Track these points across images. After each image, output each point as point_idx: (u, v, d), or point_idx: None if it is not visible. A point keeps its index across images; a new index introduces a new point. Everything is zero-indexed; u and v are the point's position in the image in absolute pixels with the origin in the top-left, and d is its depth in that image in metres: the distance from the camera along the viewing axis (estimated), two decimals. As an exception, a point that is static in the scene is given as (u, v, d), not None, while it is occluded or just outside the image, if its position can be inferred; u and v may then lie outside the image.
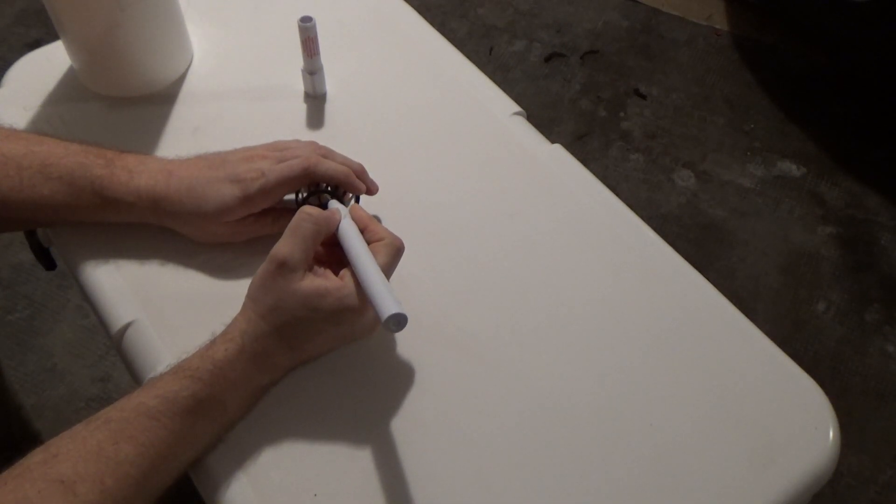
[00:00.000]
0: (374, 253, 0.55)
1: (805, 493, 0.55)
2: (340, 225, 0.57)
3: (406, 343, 0.59)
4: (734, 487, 0.54)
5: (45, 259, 0.72)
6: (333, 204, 0.61)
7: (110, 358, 1.43)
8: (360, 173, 0.64)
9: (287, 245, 0.53)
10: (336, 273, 0.55)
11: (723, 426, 0.56)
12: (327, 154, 0.63)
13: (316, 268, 0.55)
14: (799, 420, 0.57)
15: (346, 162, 0.63)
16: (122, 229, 0.63)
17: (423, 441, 0.55)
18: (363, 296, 0.53)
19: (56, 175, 0.59)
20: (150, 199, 0.60)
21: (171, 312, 0.61)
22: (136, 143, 0.70)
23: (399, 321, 0.50)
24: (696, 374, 0.59)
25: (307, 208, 0.55)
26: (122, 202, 0.60)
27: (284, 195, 0.62)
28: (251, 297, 0.55)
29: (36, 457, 0.47)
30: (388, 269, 0.56)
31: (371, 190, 0.64)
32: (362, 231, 0.58)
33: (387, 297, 0.51)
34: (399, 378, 0.58)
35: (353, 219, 0.59)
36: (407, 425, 0.56)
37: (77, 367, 1.42)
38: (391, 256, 0.56)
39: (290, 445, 0.54)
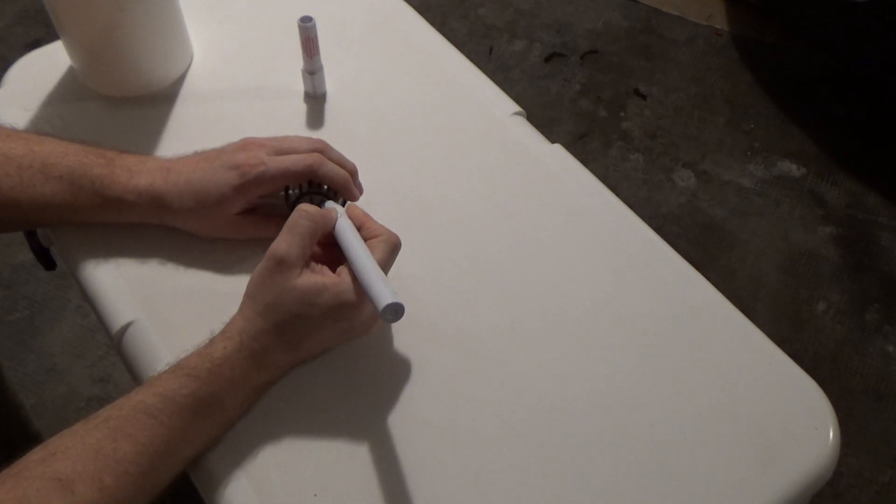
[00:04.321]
0: (371, 249, 0.55)
1: (805, 493, 0.55)
2: (337, 223, 0.57)
3: (406, 343, 0.59)
4: (734, 487, 0.54)
5: (45, 259, 0.72)
6: (329, 204, 0.61)
7: (110, 358, 1.43)
8: (354, 174, 0.64)
9: (284, 242, 0.54)
10: (333, 271, 0.56)
11: (723, 426, 0.56)
12: (324, 149, 0.63)
13: (313, 265, 0.55)
14: (799, 420, 0.57)
15: (342, 161, 0.64)
16: (121, 229, 0.63)
17: (422, 441, 0.55)
18: (360, 291, 0.53)
19: (56, 174, 0.60)
20: (150, 197, 0.60)
21: (171, 312, 0.61)
22: (136, 143, 0.70)
23: (396, 311, 0.50)
24: (696, 374, 0.59)
25: (304, 206, 0.56)
26: (123, 201, 0.60)
27: (282, 187, 0.62)
28: (249, 295, 0.55)
29: (34, 455, 0.47)
30: (385, 265, 0.56)
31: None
32: (358, 228, 0.58)
33: (383, 288, 0.51)
34: (399, 378, 0.58)
35: (350, 217, 0.59)
36: (407, 425, 0.56)
37: (77, 367, 1.42)
38: (388, 252, 0.56)
39: (289, 445, 0.54)
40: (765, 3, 2.00)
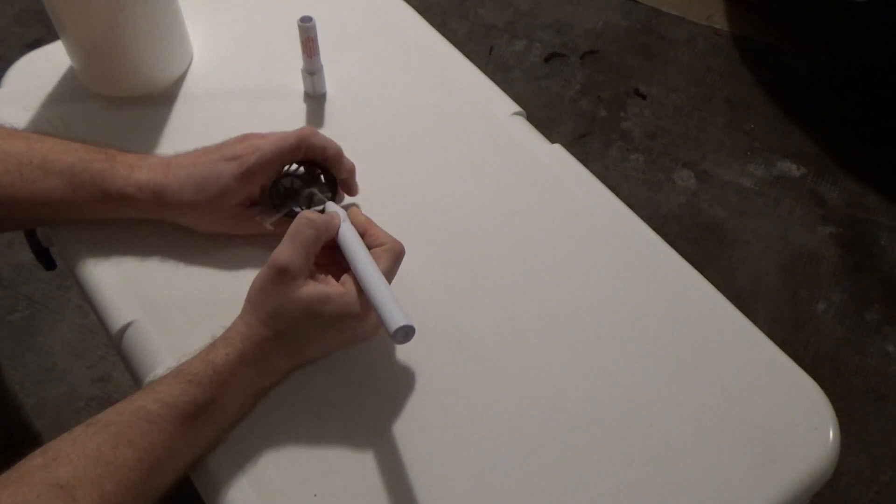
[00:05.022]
0: (376, 258, 0.55)
1: (805, 493, 0.55)
2: (340, 229, 0.57)
3: (406, 343, 0.59)
4: (734, 487, 0.54)
5: (45, 259, 0.72)
6: (331, 207, 0.60)
7: (110, 358, 1.43)
8: (351, 172, 0.65)
9: (287, 251, 0.53)
10: (336, 277, 0.55)
11: (723, 426, 0.56)
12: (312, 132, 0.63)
13: (317, 274, 0.55)
14: (799, 420, 0.57)
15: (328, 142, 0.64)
16: (121, 229, 0.63)
17: (422, 441, 0.55)
18: (365, 302, 0.53)
19: (57, 170, 0.60)
20: (150, 192, 0.60)
21: (172, 312, 0.61)
22: (136, 143, 0.70)
23: (407, 333, 0.50)
24: (696, 374, 0.59)
25: (308, 213, 0.55)
26: (124, 195, 0.60)
27: (281, 168, 0.62)
28: (251, 302, 0.55)
29: (35, 460, 0.47)
30: (389, 275, 0.56)
31: (353, 192, 0.65)
32: (362, 235, 0.57)
33: (394, 309, 0.50)
34: (399, 378, 0.58)
35: (352, 223, 0.58)
36: (407, 425, 0.56)
37: (77, 367, 1.42)
38: (392, 262, 0.56)
39: (290, 446, 0.54)
40: (765, 3, 2.00)
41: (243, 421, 0.55)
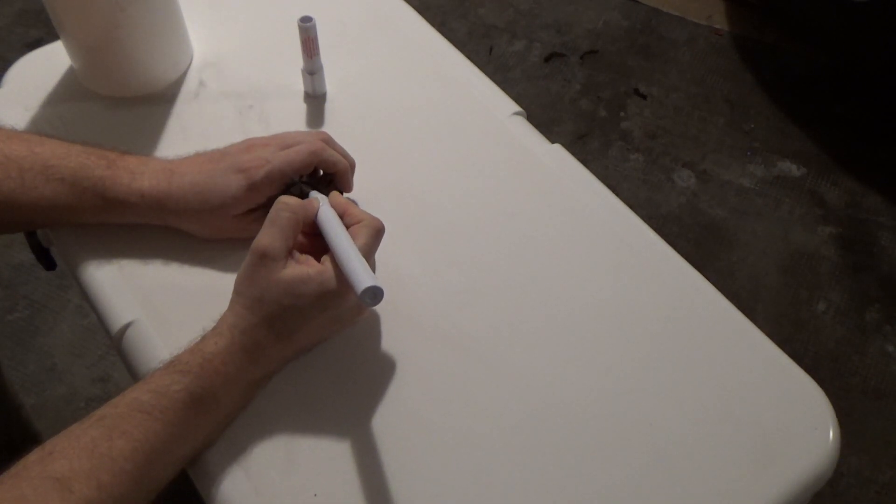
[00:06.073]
0: (354, 235, 0.55)
1: (805, 493, 0.55)
2: (319, 212, 0.57)
3: (406, 343, 0.59)
4: (734, 487, 0.54)
5: (45, 259, 0.72)
6: (313, 193, 0.61)
7: (110, 358, 1.43)
8: (353, 168, 0.65)
9: (267, 236, 0.54)
10: (319, 261, 0.56)
11: (722, 426, 0.56)
12: (328, 140, 0.63)
13: (297, 255, 0.55)
14: (799, 420, 0.57)
15: (344, 154, 0.64)
16: (122, 229, 0.63)
17: (423, 441, 0.55)
18: (343, 278, 0.53)
19: (58, 177, 0.59)
20: (153, 200, 0.60)
21: (172, 312, 0.61)
22: (137, 143, 0.70)
23: (375, 294, 0.50)
24: (696, 374, 0.59)
25: (284, 198, 0.56)
26: (125, 203, 0.60)
27: (290, 181, 0.62)
28: (237, 291, 0.55)
29: (32, 457, 0.47)
30: (368, 250, 0.56)
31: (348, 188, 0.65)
32: (341, 216, 0.58)
33: (361, 272, 0.51)
34: (399, 378, 0.58)
35: (332, 205, 0.59)
36: (407, 425, 0.56)
37: (77, 367, 1.42)
38: (371, 237, 0.56)
39: (289, 445, 0.54)
40: (765, 3, 2.00)
41: (243, 418, 0.55)
